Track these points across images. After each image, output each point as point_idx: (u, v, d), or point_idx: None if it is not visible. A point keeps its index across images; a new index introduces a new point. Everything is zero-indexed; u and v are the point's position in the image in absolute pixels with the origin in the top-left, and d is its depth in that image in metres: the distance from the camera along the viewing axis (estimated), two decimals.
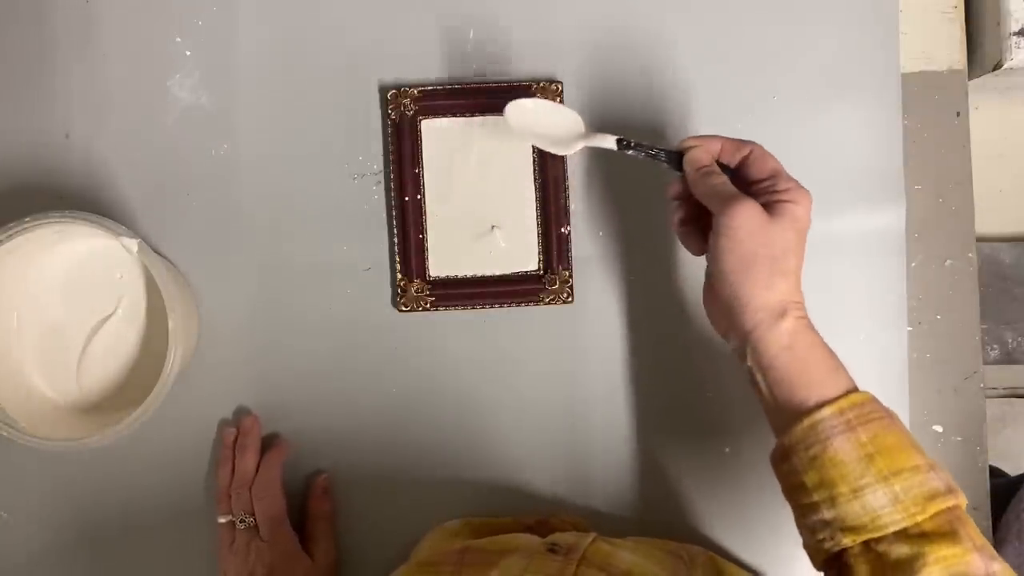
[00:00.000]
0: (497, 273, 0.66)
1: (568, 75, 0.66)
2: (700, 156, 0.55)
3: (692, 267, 0.66)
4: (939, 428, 0.68)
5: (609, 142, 0.58)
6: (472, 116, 0.66)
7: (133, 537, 0.66)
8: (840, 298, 0.67)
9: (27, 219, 0.58)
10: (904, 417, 0.67)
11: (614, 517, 0.66)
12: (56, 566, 0.66)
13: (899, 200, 0.67)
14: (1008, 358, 0.99)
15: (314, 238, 0.66)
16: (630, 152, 0.58)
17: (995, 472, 0.89)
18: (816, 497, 0.48)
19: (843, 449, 0.48)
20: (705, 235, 0.55)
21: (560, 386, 0.67)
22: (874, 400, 0.50)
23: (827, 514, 0.48)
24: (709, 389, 0.66)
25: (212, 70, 0.67)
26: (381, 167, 0.67)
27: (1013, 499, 0.74)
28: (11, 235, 0.57)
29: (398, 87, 0.66)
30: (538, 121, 0.60)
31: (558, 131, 0.60)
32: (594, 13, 0.67)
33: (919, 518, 0.46)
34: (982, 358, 0.68)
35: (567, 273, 0.66)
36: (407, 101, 0.65)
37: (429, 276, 0.66)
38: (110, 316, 0.64)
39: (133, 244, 0.58)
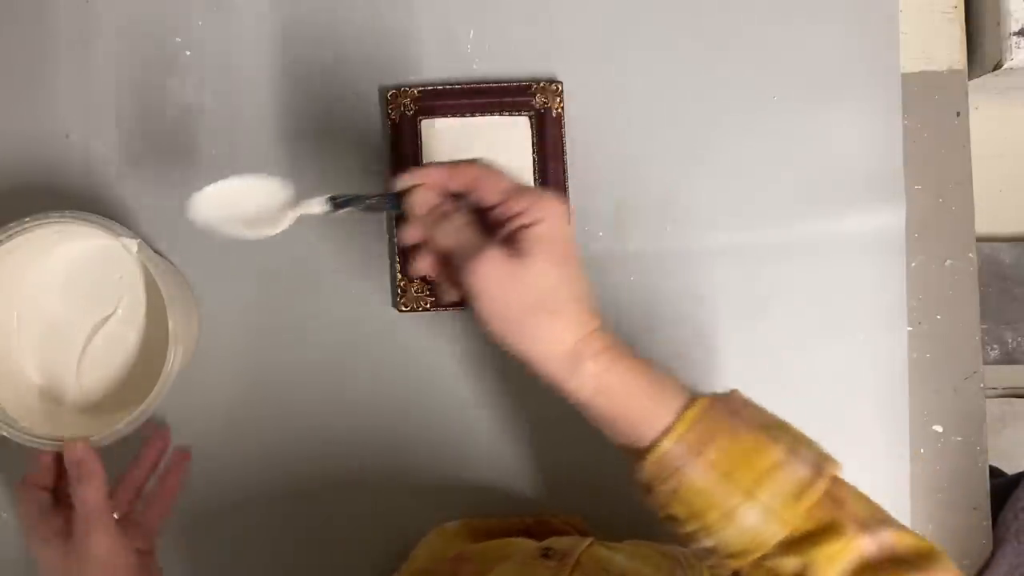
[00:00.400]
0: None
1: (568, 75, 0.66)
2: (423, 199, 0.48)
3: (692, 267, 0.66)
4: (939, 428, 0.68)
5: (318, 206, 0.50)
6: (472, 116, 0.66)
7: None
8: (840, 298, 0.67)
9: (27, 219, 0.57)
10: (904, 417, 0.67)
11: (614, 516, 0.66)
12: None
13: (899, 200, 0.67)
14: (1008, 358, 0.99)
15: (314, 237, 0.66)
16: (344, 211, 0.50)
17: (995, 472, 0.89)
18: (690, 528, 0.45)
19: (698, 477, 0.43)
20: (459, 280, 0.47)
21: None
22: (711, 406, 0.45)
23: (707, 543, 0.44)
24: (708, 388, 0.66)
25: (212, 70, 0.67)
26: (381, 167, 0.67)
27: (1010, 498, 0.74)
28: (11, 235, 0.57)
29: (398, 87, 0.66)
30: (235, 203, 0.50)
31: (261, 207, 0.51)
32: (594, 13, 0.67)
33: (795, 522, 0.43)
34: (982, 358, 0.68)
35: None
36: (407, 101, 0.65)
37: (429, 276, 0.66)
38: (110, 316, 0.64)
39: (133, 244, 0.58)
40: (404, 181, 0.48)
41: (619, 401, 0.45)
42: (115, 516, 0.56)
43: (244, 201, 0.51)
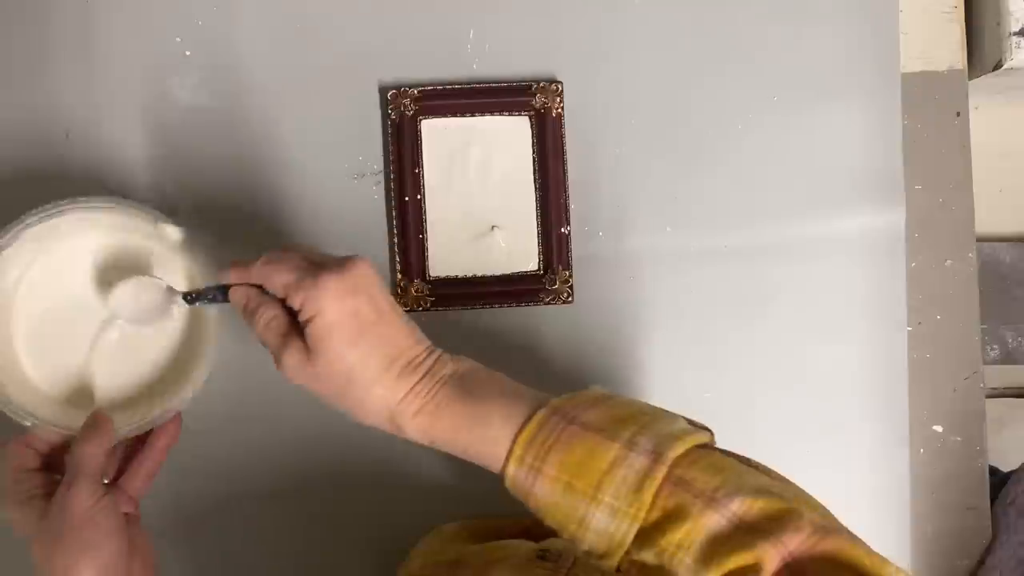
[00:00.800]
0: (497, 273, 0.66)
1: (568, 75, 0.66)
2: (236, 297, 0.51)
3: (692, 267, 0.66)
4: (939, 428, 0.68)
5: (178, 300, 0.57)
6: (472, 116, 0.66)
7: None
8: (840, 298, 0.67)
9: (62, 203, 0.57)
10: (904, 417, 0.67)
11: None
12: None
13: (899, 200, 0.67)
14: (1008, 358, 0.99)
15: (314, 238, 0.66)
16: (196, 304, 0.56)
17: (994, 472, 0.89)
18: (565, 536, 0.46)
19: (545, 494, 0.45)
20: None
21: (560, 386, 0.66)
22: (546, 420, 0.46)
23: (580, 548, 0.45)
24: (707, 389, 0.66)
25: (212, 70, 0.67)
26: (381, 167, 0.67)
27: (999, 495, 0.75)
28: (41, 218, 0.57)
29: (398, 87, 0.66)
30: (137, 300, 0.58)
31: (153, 303, 0.58)
32: (594, 13, 0.67)
33: (642, 514, 0.43)
34: (982, 358, 0.68)
35: (567, 273, 0.66)
36: (407, 101, 0.65)
37: (429, 276, 0.66)
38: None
39: (176, 232, 0.58)
40: (231, 277, 0.52)
41: (455, 444, 0.48)
42: (104, 480, 0.55)
43: (140, 297, 0.58)
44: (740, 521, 0.42)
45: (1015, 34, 0.68)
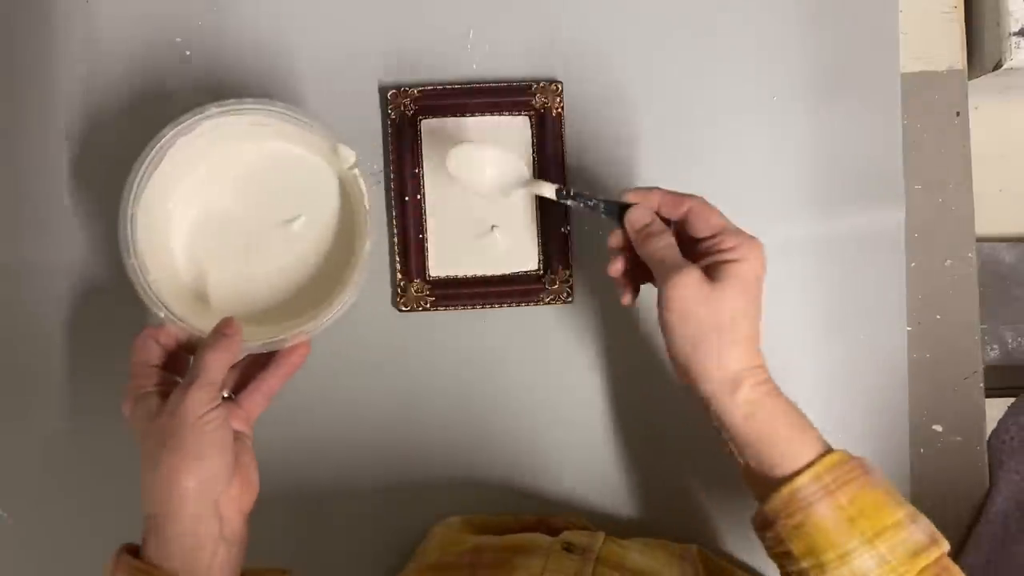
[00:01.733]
0: (497, 273, 0.66)
1: (568, 75, 0.66)
2: (640, 216, 0.53)
3: None
4: (939, 428, 0.68)
5: (548, 191, 0.58)
6: (472, 116, 0.66)
7: (136, 535, 0.66)
8: (840, 298, 0.67)
9: (248, 100, 0.57)
10: (904, 417, 0.67)
11: (613, 516, 0.66)
12: (56, 566, 0.66)
13: (899, 200, 0.67)
14: (1008, 358, 0.99)
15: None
16: (569, 202, 0.57)
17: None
18: (805, 564, 0.48)
19: (826, 516, 0.47)
20: (638, 289, 0.56)
21: (560, 386, 0.67)
22: (849, 458, 0.50)
23: None
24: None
25: (212, 70, 0.67)
26: (381, 167, 0.67)
27: (994, 429, 0.74)
28: (209, 116, 0.57)
29: (398, 87, 0.66)
30: (482, 165, 0.60)
31: (501, 176, 0.60)
32: (594, 13, 0.67)
33: (908, 575, 0.47)
34: (982, 358, 0.68)
35: (567, 273, 0.66)
36: (407, 101, 0.65)
37: (429, 276, 0.66)
38: (291, 222, 0.62)
39: (351, 155, 0.58)
40: (631, 197, 0.54)
41: (765, 431, 0.50)
42: (224, 393, 0.54)
43: (488, 165, 0.59)
44: None
45: (1015, 34, 0.68)
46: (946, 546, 0.48)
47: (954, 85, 0.68)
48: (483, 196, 0.61)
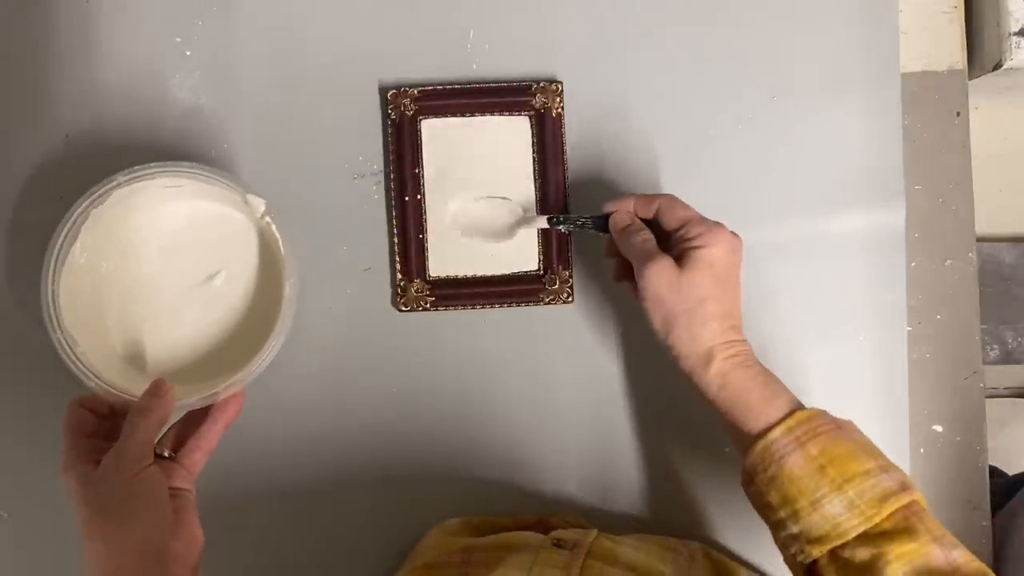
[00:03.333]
0: (497, 273, 0.66)
1: (568, 75, 0.66)
2: (620, 219, 0.59)
3: None
4: (939, 428, 0.68)
5: (542, 222, 0.64)
6: (472, 116, 0.66)
7: None
8: (840, 298, 0.67)
9: (148, 166, 0.58)
10: (904, 417, 0.67)
11: (614, 515, 0.66)
12: (57, 567, 0.66)
13: (899, 200, 0.67)
14: (1008, 358, 0.99)
15: (314, 237, 0.66)
16: (561, 227, 0.63)
17: (995, 472, 0.89)
18: (782, 514, 0.51)
19: (796, 465, 0.50)
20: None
21: (560, 386, 0.67)
22: (821, 414, 0.52)
23: (793, 528, 0.50)
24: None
25: (212, 70, 0.67)
26: (381, 167, 0.67)
27: (1006, 505, 0.74)
28: (119, 184, 0.57)
29: (398, 87, 0.66)
30: (480, 218, 0.65)
31: (498, 221, 0.65)
32: (594, 13, 0.67)
33: (876, 519, 0.48)
34: (982, 358, 0.68)
35: (567, 273, 0.66)
36: (407, 101, 0.65)
37: (429, 276, 0.66)
38: (212, 277, 0.62)
39: (260, 203, 0.59)
40: (609, 207, 0.60)
41: (737, 399, 0.53)
42: (158, 452, 0.53)
43: (483, 217, 0.65)
44: (958, 568, 0.47)
45: (1015, 34, 0.68)
46: (919, 495, 0.50)
47: (954, 85, 0.68)
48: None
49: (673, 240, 0.56)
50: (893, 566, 0.47)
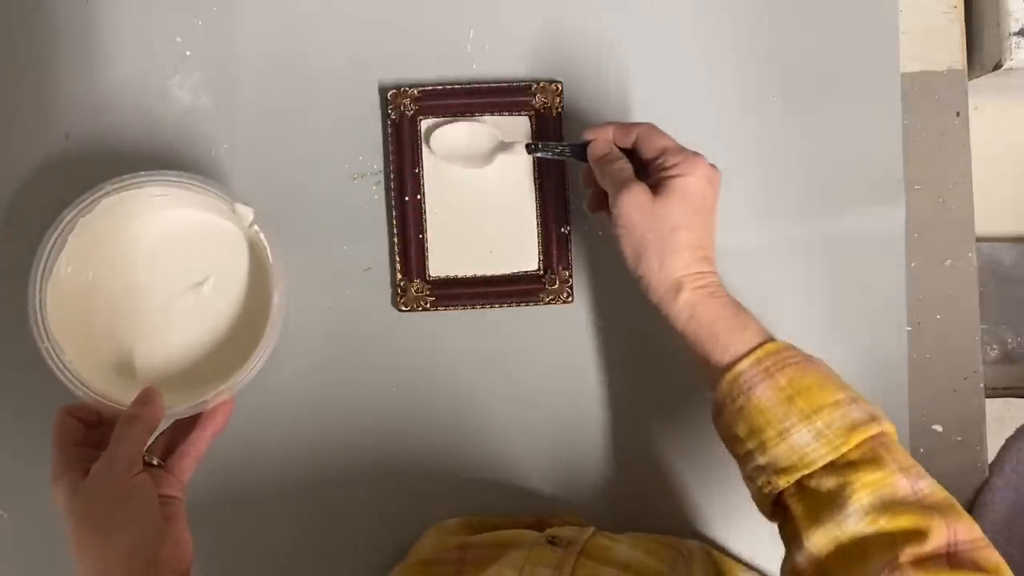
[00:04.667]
0: (497, 273, 0.66)
1: (568, 75, 0.66)
2: (598, 147, 0.58)
3: None
4: (939, 428, 0.68)
5: (519, 148, 0.63)
6: (472, 116, 0.66)
7: None
8: (840, 298, 0.67)
9: (138, 175, 0.58)
10: (904, 417, 0.67)
11: (613, 515, 0.66)
12: (56, 566, 0.66)
13: (899, 200, 0.67)
14: (1008, 358, 0.99)
15: (314, 237, 0.66)
16: (539, 154, 0.63)
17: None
18: (749, 445, 0.50)
19: (765, 396, 0.49)
20: None
21: (560, 386, 0.67)
22: (790, 347, 0.52)
23: (761, 460, 0.50)
24: (707, 388, 0.66)
25: (212, 70, 0.67)
26: (381, 167, 0.67)
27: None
28: (108, 193, 0.57)
29: (398, 87, 0.66)
30: (459, 142, 0.65)
31: (478, 146, 0.65)
32: (594, 13, 0.67)
33: (843, 449, 0.48)
34: (982, 358, 0.68)
35: (567, 273, 0.66)
36: (407, 101, 0.65)
37: (429, 276, 0.66)
38: (200, 285, 0.62)
39: (248, 212, 0.58)
40: (588, 135, 0.58)
41: (705, 331, 0.52)
42: (147, 460, 0.53)
43: (463, 138, 0.65)
44: (923, 498, 0.46)
45: (1015, 34, 0.68)
46: (888, 426, 0.49)
47: (954, 85, 0.68)
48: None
49: (650, 169, 0.56)
50: (859, 494, 0.46)
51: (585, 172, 0.60)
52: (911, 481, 0.47)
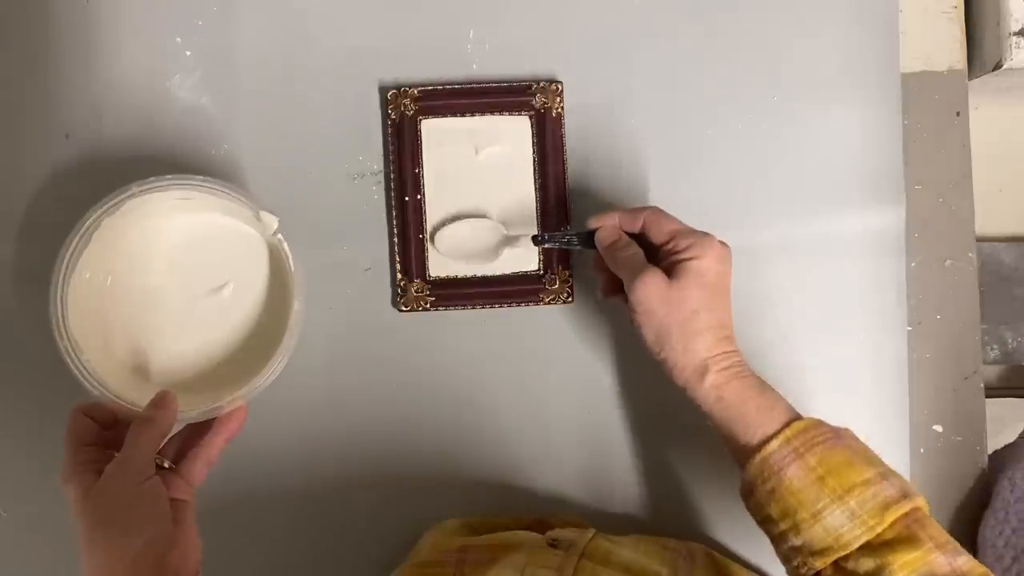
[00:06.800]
0: (497, 273, 0.66)
1: (568, 75, 0.66)
2: (606, 235, 0.58)
3: None
4: (939, 428, 0.68)
5: (526, 242, 0.64)
6: (472, 116, 0.66)
7: None
8: (840, 298, 0.67)
9: (159, 178, 0.58)
10: (904, 417, 0.67)
11: (614, 516, 0.66)
12: (56, 566, 0.66)
13: (899, 200, 0.67)
14: (1008, 358, 0.99)
15: (315, 237, 0.66)
16: (546, 245, 0.63)
17: None
18: (783, 526, 0.50)
19: (796, 477, 0.50)
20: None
21: (560, 386, 0.67)
22: (818, 423, 0.52)
23: (795, 541, 0.50)
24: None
25: (212, 70, 0.67)
26: (381, 167, 0.67)
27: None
28: (132, 195, 0.57)
29: (398, 87, 0.66)
30: (464, 240, 0.65)
31: (484, 242, 0.65)
32: (594, 13, 0.67)
33: (878, 529, 0.48)
34: (982, 358, 0.68)
35: (567, 273, 0.66)
36: (407, 101, 0.65)
37: (429, 276, 0.66)
38: (219, 289, 0.62)
39: (274, 221, 0.58)
40: (593, 223, 0.59)
41: (733, 411, 0.53)
42: (158, 463, 0.53)
43: (468, 239, 0.65)
44: (963, 575, 0.47)
45: (1015, 34, 0.68)
46: (920, 501, 0.49)
47: (954, 85, 0.68)
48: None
49: (662, 253, 0.56)
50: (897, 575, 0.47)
51: (595, 258, 0.60)
52: (949, 558, 0.47)
